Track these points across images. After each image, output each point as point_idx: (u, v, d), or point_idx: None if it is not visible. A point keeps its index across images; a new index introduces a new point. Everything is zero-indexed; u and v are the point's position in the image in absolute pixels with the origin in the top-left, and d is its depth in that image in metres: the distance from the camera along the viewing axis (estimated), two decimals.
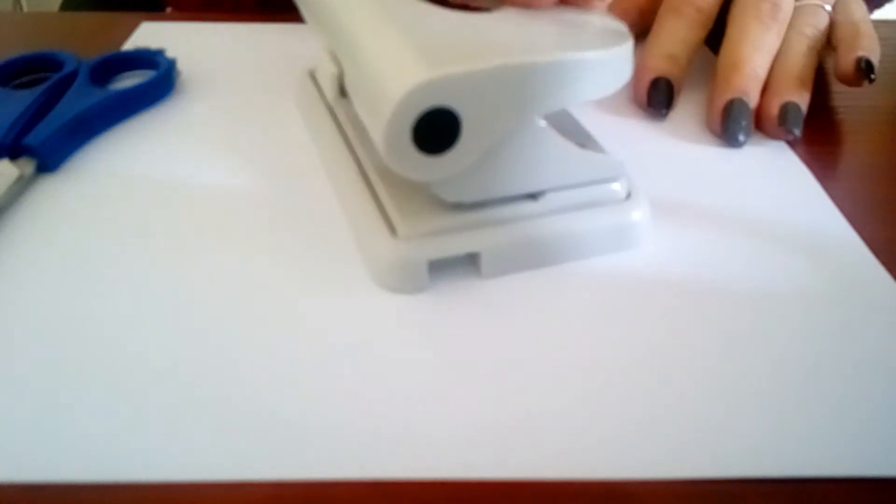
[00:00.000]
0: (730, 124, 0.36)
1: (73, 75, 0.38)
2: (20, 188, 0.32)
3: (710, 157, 0.36)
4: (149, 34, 0.46)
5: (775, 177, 0.35)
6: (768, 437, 0.23)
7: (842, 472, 0.22)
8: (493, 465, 0.22)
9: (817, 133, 0.38)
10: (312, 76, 0.38)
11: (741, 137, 0.36)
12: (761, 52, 0.37)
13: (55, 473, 0.21)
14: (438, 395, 0.24)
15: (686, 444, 0.22)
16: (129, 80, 0.40)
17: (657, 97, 0.38)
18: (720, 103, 0.36)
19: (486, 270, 0.28)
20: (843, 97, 0.42)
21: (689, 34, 0.38)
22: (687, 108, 0.39)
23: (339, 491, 0.21)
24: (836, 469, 0.22)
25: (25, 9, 1.51)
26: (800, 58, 0.37)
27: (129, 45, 0.45)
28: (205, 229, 0.30)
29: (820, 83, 0.42)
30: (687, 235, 0.31)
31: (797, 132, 0.36)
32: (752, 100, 0.36)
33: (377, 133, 0.24)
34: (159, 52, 0.41)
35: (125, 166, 0.34)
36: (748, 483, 0.22)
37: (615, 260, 0.29)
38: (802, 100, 0.36)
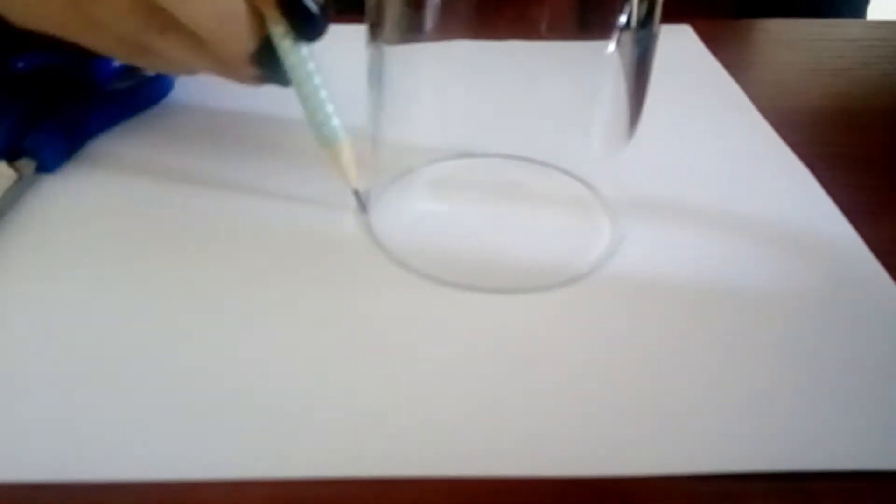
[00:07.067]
0: None
1: (73, 76, 0.38)
2: (19, 190, 0.32)
3: (710, 156, 0.36)
4: None
5: (775, 176, 0.35)
6: (769, 433, 0.23)
7: (841, 466, 0.22)
8: (494, 462, 0.22)
9: (817, 133, 0.38)
10: None
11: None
12: None
13: (55, 473, 0.21)
14: (438, 392, 0.24)
15: (687, 440, 0.22)
16: (128, 81, 0.40)
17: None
18: None
19: None
20: (843, 97, 0.42)
21: None
22: (691, 109, 0.39)
23: (339, 489, 0.21)
24: (835, 463, 0.22)
25: None
26: None
27: None
28: (205, 229, 0.30)
29: (820, 83, 0.43)
30: (686, 234, 0.31)
31: None
32: None
33: None
34: None
35: (125, 167, 0.34)
36: (749, 481, 0.22)
37: (614, 261, 0.29)
38: None
